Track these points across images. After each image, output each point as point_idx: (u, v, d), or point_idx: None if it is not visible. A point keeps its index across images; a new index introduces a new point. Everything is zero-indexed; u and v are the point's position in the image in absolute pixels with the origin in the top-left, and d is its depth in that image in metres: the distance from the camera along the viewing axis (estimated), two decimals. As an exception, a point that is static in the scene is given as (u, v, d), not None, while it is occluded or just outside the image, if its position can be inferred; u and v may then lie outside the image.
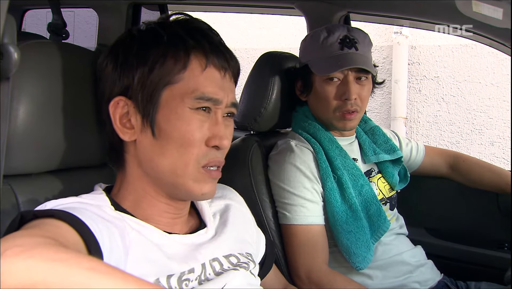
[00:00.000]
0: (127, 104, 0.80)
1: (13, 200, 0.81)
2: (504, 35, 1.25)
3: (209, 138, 0.80)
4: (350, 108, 1.29)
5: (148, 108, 0.78)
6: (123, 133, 0.80)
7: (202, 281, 0.80)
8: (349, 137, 1.39)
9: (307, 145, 1.31)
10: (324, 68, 1.30)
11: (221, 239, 0.88)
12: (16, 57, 0.70)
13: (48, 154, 0.85)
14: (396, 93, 3.59)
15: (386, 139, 1.44)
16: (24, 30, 2.53)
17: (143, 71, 0.78)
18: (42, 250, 0.51)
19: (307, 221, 1.23)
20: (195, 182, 0.80)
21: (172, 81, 0.78)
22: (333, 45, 1.30)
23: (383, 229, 1.28)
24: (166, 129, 0.78)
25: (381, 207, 1.30)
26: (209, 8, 2.11)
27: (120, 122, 0.80)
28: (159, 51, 0.79)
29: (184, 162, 0.79)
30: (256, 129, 1.40)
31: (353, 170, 1.31)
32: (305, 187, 1.25)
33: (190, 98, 0.78)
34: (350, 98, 1.28)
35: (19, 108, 0.79)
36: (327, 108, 1.32)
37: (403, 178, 1.46)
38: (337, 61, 1.28)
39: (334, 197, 1.25)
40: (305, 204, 1.24)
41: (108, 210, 0.77)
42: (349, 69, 1.28)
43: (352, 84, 1.29)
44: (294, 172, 1.25)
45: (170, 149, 0.78)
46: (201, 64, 0.80)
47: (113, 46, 0.84)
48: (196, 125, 0.79)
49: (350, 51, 1.29)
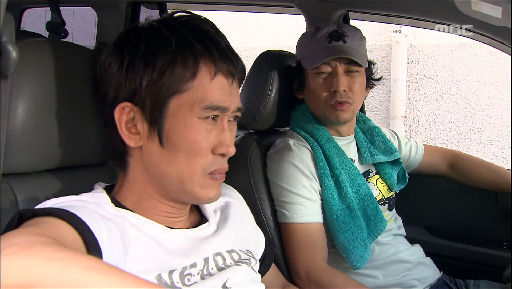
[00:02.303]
0: (133, 111, 0.78)
1: (11, 198, 0.81)
2: (503, 34, 1.25)
3: (215, 147, 0.80)
4: (339, 99, 1.28)
5: (155, 116, 0.77)
6: (129, 139, 0.79)
7: (204, 276, 0.80)
8: (347, 137, 1.39)
9: (305, 143, 1.31)
10: (312, 61, 1.31)
11: (223, 233, 0.88)
12: (15, 55, 0.70)
13: (47, 152, 0.85)
14: (395, 92, 3.60)
15: (384, 140, 1.44)
16: (23, 28, 2.53)
17: (151, 77, 0.76)
18: (40, 249, 0.51)
19: (306, 219, 1.23)
20: (202, 188, 0.80)
21: (181, 90, 0.77)
22: (321, 40, 1.31)
23: (379, 228, 1.28)
24: (175, 139, 0.77)
25: (378, 206, 1.30)
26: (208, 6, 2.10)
27: (126, 127, 0.79)
28: (168, 57, 0.77)
29: (192, 171, 0.79)
30: (255, 128, 1.40)
31: (350, 169, 1.31)
32: (303, 185, 1.25)
33: (199, 108, 0.77)
34: (339, 90, 1.27)
35: (17, 106, 0.79)
36: (318, 101, 1.32)
37: (402, 179, 1.46)
38: (324, 53, 1.29)
39: (332, 195, 1.25)
40: (304, 202, 1.24)
41: (107, 208, 0.77)
42: (338, 62, 1.29)
43: (341, 76, 1.28)
44: (292, 170, 1.25)
45: (178, 158, 0.78)
46: (210, 73, 0.78)
47: (117, 44, 0.81)
48: (203, 134, 0.78)
49: (337, 43, 1.30)
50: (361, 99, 1.36)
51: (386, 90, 3.64)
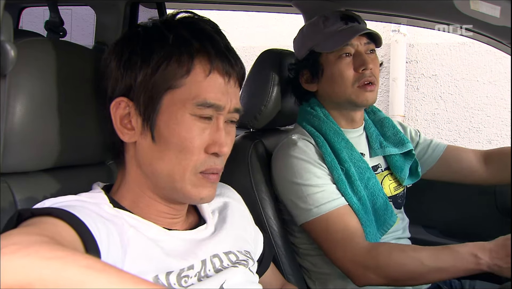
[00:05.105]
0: (129, 106, 0.79)
1: (10, 198, 0.81)
2: (502, 33, 1.26)
3: (208, 145, 0.79)
4: (369, 79, 1.26)
5: (148, 111, 0.78)
6: (123, 134, 0.80)
7: (201, 278, 0.80)
8: (357, 129, 1.35)
9: (309, 138, 1.27)
10: (333, 44, 1.28)
11: (221, 235, 0.88)
12: (13, 55, 0.70)
13: (45, 152, 0.85)
14: (394, 91, 3.60)
15: (395, 131, 1.40)
16: (21, 28, 2.53)
17: (146, 73, 0.77)
18: (39, 248, 0.51)
19: (332, 206, 1.18)
20: (193, 186, 0.80)
21: (174, 86, 0.77)
22: (336, 23, 1.30)
23: (389, 222, 1.25)
24: (166, 135, 0.78)
25: (388, 200, 1.27)
26: (207, 6, 2.10)
27: (121, 123, 0.80)
28: (163, 53, 0.77)
29: (183, 168, 0.78)
30: (256, 127, 1.40)
31: (360, 162, 1.27)
32: (317, 176, 1.20)
33: (192, 104, 0.77)
34: (368, 68, 1.25)
35: (16, 106, 0.79)
36: (345, 85, 1.27)
37: (414, 173, 1.40)
38: (345, 34, 1.27)
39: (345, 188, 1.22)
40: (323, 189, 1.19)
41: (106, 208, 0.77)
42: (359, 42, 1.27)
43: (365, 55, 1.27)
44: (301, 164, 1.21)
45: (169, 154, 0.78)
46: (205, 70, 0.78)
47: (118, 42, 0.83)
48: (196, 132, 0.78)
49: (354, 24, 1.29)
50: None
51: (384, 89, 3.64)
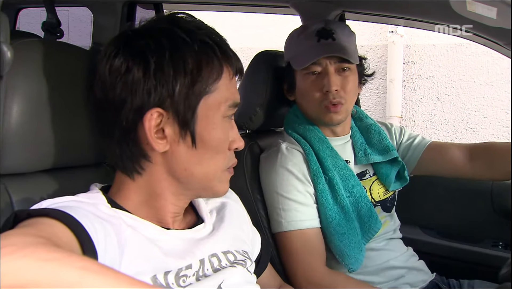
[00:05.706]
0: (162, 116, 0.77)
1: (7, 199, 0.81)
2: (498, 34, 1.26)
3: (230, 143, 0.84)
4: (332, 100, 1.25)
5: (187, 119, 0.78)
6: (157, 144, 0.78)
7: (200, 277, 0.80)
8: (342, 137, 1.35)
9: (297, 146, 1.28)
10: (301, 61, 1.27)
11: (219, 234, 0.88)
12: (9, 55, 0.70)
13: (42, 153, 0.85)
14: (391, 92, 3.61)
15: (381, 138, 1.38)
16: (18, 29, 2.52)
17: (184, 83, 0.77)
18: (35, 249, 0.50)
19: (302, 226, 1.21)
20: (220, 182, 0.85)
21: (209, 91, 0.79)
22: (309, 38, 1.27)
23: (374, 229, 1.26)
24: (206, 139, 0.80)
25: (372, 207, 1.28)
26: (204, 7, 2.10)
27: (155, 133, 0.78)
28: (195, 60, 0.78)
29: (218, 168, 0.84)
30: (251, 128, 1.40)
31: (344, 170, 1.28)
32: (298, 190, 1.22)
33: (225, 107, 0.81)
34: (331, 90, 1.23)
35: (12, 107, 0.79)
36: (311, 103, 1.28)
37: (401, 178, 1.38)
38: (312, 52, 1.26)
39: (326, 198, 1.23)
40: (299, 208, 1.22)
41: (104, 208, 0.76)
42: (328, 61, 1.25)
43: (332, 76, 1.24)
44: (286, 176, 1.23)
45: (206, 157, 0.81)
46: (230, 72, 0.82)
47: (134, 49, 0.77)
48: (227, 132, 0.83)
49: (326, 41, 1.26)
50: (354, 98, 1.32)
51: (382, 90, 3.65)
